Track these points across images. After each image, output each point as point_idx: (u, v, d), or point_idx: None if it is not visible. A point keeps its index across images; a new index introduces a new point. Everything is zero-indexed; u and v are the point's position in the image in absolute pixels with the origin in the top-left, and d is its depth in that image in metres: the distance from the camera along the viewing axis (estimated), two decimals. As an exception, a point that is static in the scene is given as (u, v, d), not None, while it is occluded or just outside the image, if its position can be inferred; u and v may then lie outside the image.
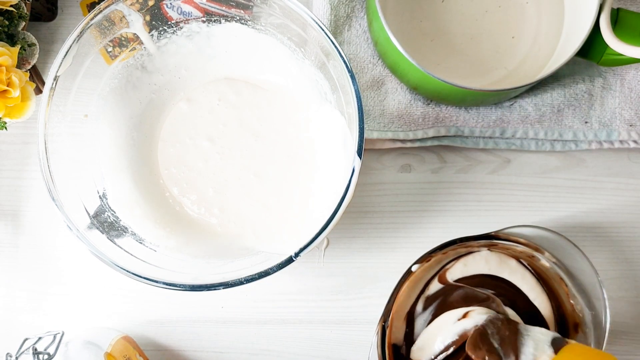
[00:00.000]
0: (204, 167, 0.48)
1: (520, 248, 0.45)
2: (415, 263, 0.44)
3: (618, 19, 0.44)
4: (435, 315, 0.46)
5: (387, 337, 0.45)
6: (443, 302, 0.46)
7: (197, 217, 0.48)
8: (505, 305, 0.45)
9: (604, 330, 0.42)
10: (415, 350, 0.46)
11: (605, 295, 0.42)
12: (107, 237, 0.42)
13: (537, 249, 0.45)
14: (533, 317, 0.46)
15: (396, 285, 0.44)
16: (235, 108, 0.48)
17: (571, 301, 0.45)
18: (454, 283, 0.46)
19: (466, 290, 0.46)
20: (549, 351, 0.41)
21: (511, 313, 0.45)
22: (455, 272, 0.46)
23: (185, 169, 0.48)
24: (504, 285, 0.46)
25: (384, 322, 0.44)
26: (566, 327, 0.46)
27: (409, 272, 0.44)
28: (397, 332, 0.47)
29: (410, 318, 0.47)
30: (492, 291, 0.46)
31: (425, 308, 0.47)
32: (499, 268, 0.46)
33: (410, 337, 0.47)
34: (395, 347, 0.46)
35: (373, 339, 0.44)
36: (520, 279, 0.46)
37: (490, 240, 0.45)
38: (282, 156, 0.48)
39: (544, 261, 0.45)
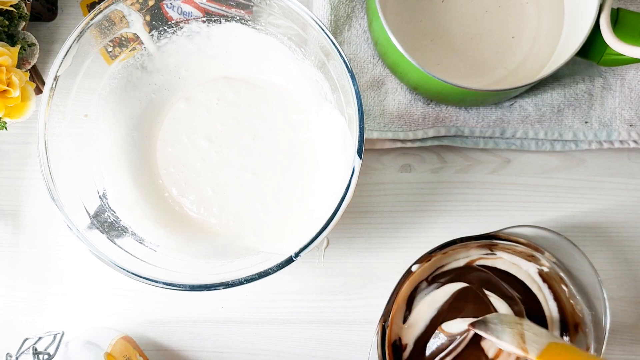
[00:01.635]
0: (202, 166, 0.48)
1: (520, 248, 0.45)
2: (415, 263, 0.44)
3: (618, 19, 0.44)
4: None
5: (387, 337, 0.45)
6: (454, 279, 0.46)
7: (196, 217, 0.48)
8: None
9: (604, 330, 0.42)
10: (405, 327, 0.46)
11: (605, 295, 0.42)
12: (107, 237, 0.42)
13: (537, 249, 0.45)
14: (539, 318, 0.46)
15: (396, 285, 0.44)
16: (234, 107, 0.48)
17: (571, 301, 0.45)
18: (477, 266, 0.46)
19: (490, 277, 0.46)
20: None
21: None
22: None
23: (184, 168, 0.48)
24: (519, 287, 0.46)
25: (384, 322, 0.44)
26: (566, 327, 0.46)
27: (409, 272, 0.44)
28: (397, 328, 0.47)
29: (410, 302, 0.47)
30: (519, 295, 0.46)
31: (430, 284, 0.47)
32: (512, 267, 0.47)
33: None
34: (395, 347, 0.46)
35: (373, 339, 0.44)
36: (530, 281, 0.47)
37: (490, 240, 0.45)
38: (281, 156, 0.48)
39: (544, 261, 0.45)
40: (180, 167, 0.48)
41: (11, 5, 0.44)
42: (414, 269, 0.44)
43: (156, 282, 0.39)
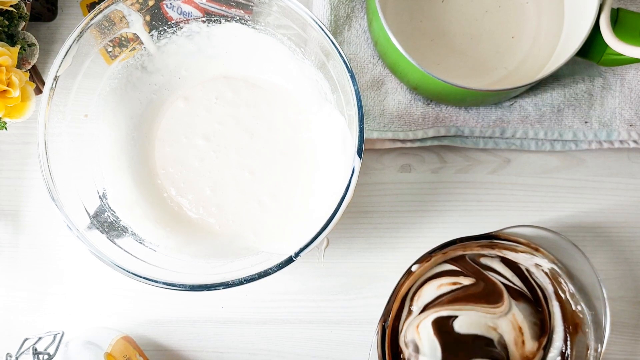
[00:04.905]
0: (200, 166, 0.48)
1: (521, 248, 0.45)
2: (415, 263, 0.44)
3: (618, 19, 0.44)
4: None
5: (387, 337, 0.45)
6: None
7: (195, 217, 0.48)
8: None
9: (604, 330, 0.42)
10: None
11: (606, 295, 0.42)
12: (107, 237, 0.42)
13: (537, 249, 0.45)
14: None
15: (396, 285, 0.44)
16: (232, 106, 0.48)
17: (571, 301, 0.45)
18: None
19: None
20: None
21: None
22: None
23: (182, 168, 0.48)
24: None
25: (384, 322, 0.44)
26: (566, 327, 0.46)
27: (408, 272, 0.44)
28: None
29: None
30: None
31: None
32: None
33: None
34: (394, 349, 0.46)
35: (373, 339, 0.44)
36: None
37: (490, 240, 0.45)
38: (279, 155, 0.48)
39: (544, 261, 0.45)
40: (179, 167, 0.48)
41: (11, 5, 0.44)
42: (414, 269, 0.44)
43: (156, 282, 0.39)
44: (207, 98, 0.49)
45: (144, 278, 0.39)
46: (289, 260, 0.38)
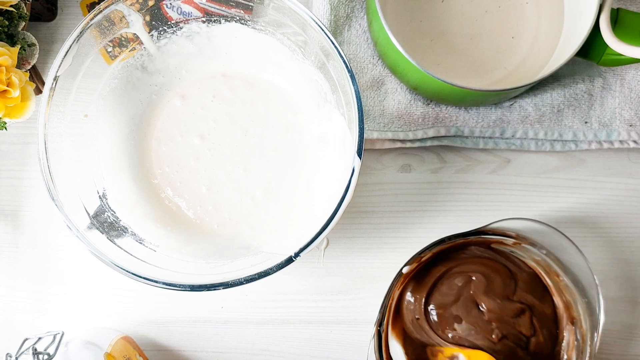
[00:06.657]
0: (195, 164, 0.48)
1: (510, 241, 0.45)
2: (405, 265, 0.44)
3: (618, 19, 0.44)
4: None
5: (384, 341, 0.44)
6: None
7: (194, 217, 0.48)
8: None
9: (598, 317, 0.42)
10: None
11: (597, 282, 0.42)
12: (107, 237, 0.42)
13: (527, 242, 0.45)
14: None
15: (388, 288, 0.44)
16: (228, 104, 0.48)
17: (564, 292, 0.45)
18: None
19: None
20: None
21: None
22: None
23: (178, 167, 0.48)
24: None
25: (379, 326, 0.44)
26: (560, 318, 0.46)
27: (400, 275, 0.44)
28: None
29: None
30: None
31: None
32: None
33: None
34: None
35: (370, 343, 0.44)
36: None
37: (479, 236, 0.44)
38: (274, 153, 0.48)
39: (536, 253, 0.45)
40: (175, 167, 0.48)
41: (11, 5, 0.44)
42: (404, 270, 0.44)
43: (156, 282, 0.39)
44: (204, 96, 0.49)
45: (144, 278, 0.39)
46: (289, 260, 0.38)
